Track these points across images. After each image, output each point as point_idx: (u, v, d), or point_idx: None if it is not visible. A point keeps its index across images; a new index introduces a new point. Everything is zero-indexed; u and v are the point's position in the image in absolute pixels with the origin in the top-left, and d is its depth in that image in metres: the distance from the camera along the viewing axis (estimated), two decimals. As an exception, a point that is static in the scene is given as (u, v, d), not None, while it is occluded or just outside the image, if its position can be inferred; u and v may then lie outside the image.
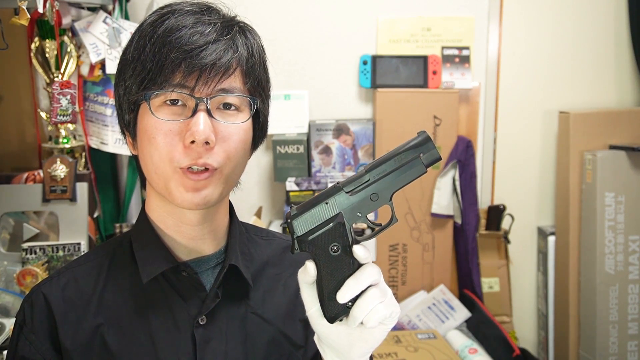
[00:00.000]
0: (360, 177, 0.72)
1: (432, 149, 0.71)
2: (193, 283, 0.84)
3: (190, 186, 0.78)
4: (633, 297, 2.15)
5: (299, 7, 2.17)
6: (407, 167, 0.71)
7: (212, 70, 0.77)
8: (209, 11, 0.81)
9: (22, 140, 2.02)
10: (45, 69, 1.84)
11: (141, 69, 0.78)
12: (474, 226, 2.18)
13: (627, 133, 2.20)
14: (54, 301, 0.83)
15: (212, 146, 0.77)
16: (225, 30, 0.80)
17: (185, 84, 0.76)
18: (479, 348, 1.96)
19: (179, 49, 0.76)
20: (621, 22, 2.29)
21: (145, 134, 0.79)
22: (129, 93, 0.80)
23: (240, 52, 0.80)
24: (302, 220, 0.71)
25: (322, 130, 2.12)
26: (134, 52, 0.80)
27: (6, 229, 1.74)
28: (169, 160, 0.77)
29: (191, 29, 0.77)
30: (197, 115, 0.76)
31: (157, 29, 0.78)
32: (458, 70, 2.15)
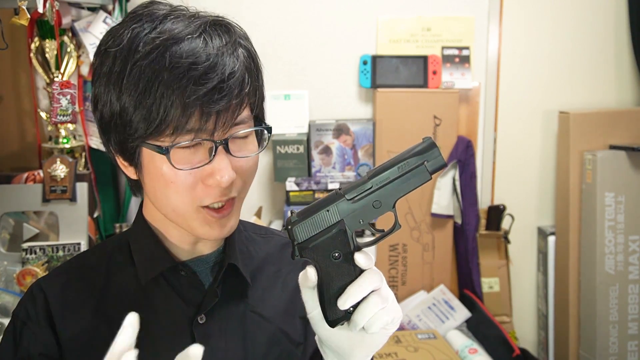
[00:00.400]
0: (362, 184, 0.71)
1: (438, 156, 0.70)
2: (192, 282, 0.84)
3: (215, 223, 0.78)
4: (633, 297, 2.15)
5: (299, 7, 2.17)
6: (411, 174, 0.70)
7: (229, 110, 0.73)
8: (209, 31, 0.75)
9: (22, 140, 2.02)
10: (45, 69, 1.84)
11: (148, 112, 0.71)
12: (474, 226, 2.18)
13: (627, 133, 2.20)
14: (52, 298, 0.83)
15: (232, 181, 0.75)
16: (232, 56, 0.74)
17: (205, 127, 0.72)
18: (479, 348, 1.96)
19: (196, 92, 0.70)
20: (621, 22, 2.29)
21: (161, 177, 0.75)
22: (132, 137, 0.74)
23: (252, 83, 0.77)
24: (302, 227, 0.71)
25: (322, 130, 2.12)
26: (136, 79, 0.71)
27: (6, 229, 1.74)
28: (190, 201, 0.75)
29: (201, 64, 0.71)
30: (219, 158, 0.73)
31: (164, 59, 0.70)
32: (458, 70, 2.15)
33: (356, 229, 0.71)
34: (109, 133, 0.77)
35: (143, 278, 0.83)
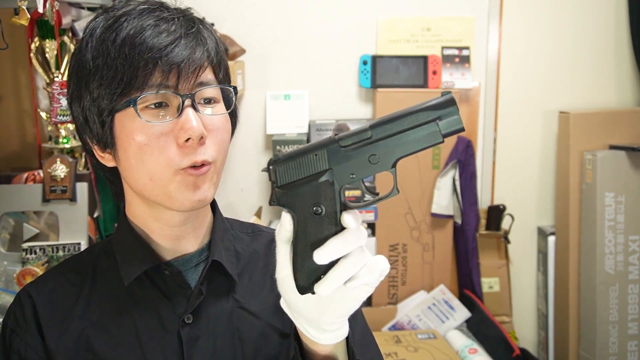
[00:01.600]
0: (361, 132, 0.61)
1: (455, 115, 0.59)
2: (177, 282, 0.84)
3: (191, 183, 0.77)
4: (633, 297, 2.15)
5: (299, 7, 2.17)
6: (419, 130, 0.59)
7: (190, 66, 0.76)
8: (164, 7, 0.80)
9: (22, 140, 2.02)
10: (45, 69, 1.84)
11: (113, 75, 0.75)
12: (474, 226, 2.18)
13: (627, 133, 2.20)
14: (40, 303, 0.83)
15: (204, 141, 0.77)
16: (189, 24, 0.79)
17: (167, 83, 0.75)
18: (479, 348, 1.96)
19: (151, 49, 0.74)
20: (621, 22, 2.29)
21: (133, 141, 0.76)
22: (100, 103, 0.77)
23: (209, 45, 0.80)
24: (285, 169, 0.61)
25: (322, 130, 2.12)
26: (94, 59, 0.76)
27: (6, 229, 1.74)
28: (167, 163, 0.76)
29: (156, 27, 0.76)
30: (186, 112, 0.75)
31: (119, 32, 0.75)
32: (458, 70, 2.15)
33: (346, 183, 0.61)
34: (84, 123, 0.81)
35: (126, 279, 0.82)
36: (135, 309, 0.82)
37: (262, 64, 2.17)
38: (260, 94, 2.16)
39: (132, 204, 0.86)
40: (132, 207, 0.86)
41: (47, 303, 0.83)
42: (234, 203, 2.19)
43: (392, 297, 2.19)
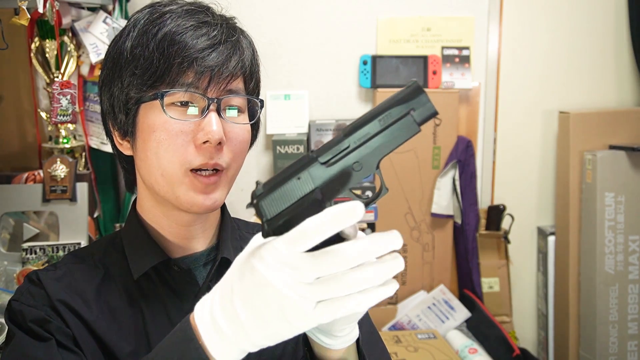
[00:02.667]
0: (338, 144, 0.60)
1: (426, 102, 0.59)
2: (185, 278, 0.84)
3: (200, 189, 0.78)
4: (633, 297, 2.15)
5: (299, 7, 2.17)
6: (395, 127, 0.59)
7: (224, 72, 0.77)
8: (209, 11, 0.81)
9: (22, 140, 2.02)
10: (45, 69, 1.84)
11: (147, 67, 0.76)
12: (474, 226, 2.18)
13: (627, 133, 2.20)
14: (50, 287, 0.81)
15: (222, 146, 0.78)
16: (230, 32, 0.81)
17: (197, 84, 0.77)
18: (479, 348, 1.96)
19: (190, 49, 0.76)
20: (621, 22, 2.29)
21: (153, 134, 0.77)
22: (130, 91, 0.79)
23: (246, 55, 0.82)
24: (270, 201, 0.59)
25: (322, 130, 2.12)
26: (134, 49, 0.78)
27: (6, 229, 1.74)
28: (180, 162, 0.77)
29: (197, 29, 0.77)
30: (209, 115, 0.76)
31: (161, 27, 0.77)
32: (458, 70, 2.15)
33: (335, 197, 0.60)
34: (110, 108, 0.82)
35: (135, 273, 0.83)
36: (144, 302, 0.83)
37: (262, 64, 2.16)
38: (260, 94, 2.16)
39: (143, 198, 0.86)
40: (143, 201, 0.87)
41: (58, 289, 0.82)
42: (234, 203, 2.19)
43: (392, 297, 2.19)
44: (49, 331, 0.77)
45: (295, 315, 0.55)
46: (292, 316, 0.55)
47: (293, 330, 0.57)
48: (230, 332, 0.58)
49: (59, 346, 0.76)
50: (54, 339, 0.76)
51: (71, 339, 0.78)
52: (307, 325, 0.56)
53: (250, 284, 0.56)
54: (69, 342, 0.77)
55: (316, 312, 0.55)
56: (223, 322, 0.58)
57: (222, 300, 0.59)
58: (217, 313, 0.59)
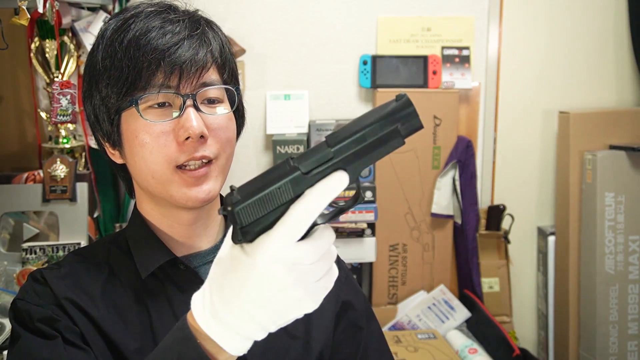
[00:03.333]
0: (321, 154, 0.58)
1: (414, 118, 0.59)
2: (191, 276, 0.85)
3: (191, 183, 0.79)
4: (633, 297, 2.15)
5: (299, 7, 2.17)
6: (381, 140, 0.58)
7: (192, 67, 0.78)
8: (171, 9, 0.82)
9: (22, 140, 2.02)
10: (45, 69, 1.84)
11: (118, 76, 0.77)
12: (474, 226, 2.18)
13: (627, 133, 2.20)
14: (55, 286, 0.81)
15: (205, 139, 0.78)
16: (194, 26, 0.81)
17: (169, 83, 0.77)
18: (479, 348, 1.96)
19: (154, 50, 0.76)
20: (621, 22, 2.29)
21: (136, 140, 0.79)
22: (108, 102, 0.80)
23: (213, 46, 0.82)
24: (248, 209, 0.57)
25: (322, 130, 2.12)
26: (103, 60, 0.79)
27: (6, 229, 1.74)
28: (166, 161, 0.78)
29: (161, 29, 0.78)
30: (187, 111, 0.77)
31: (126, 34, 0.78)
32: (458, 70, 2.15)
33: None
34: (95, 121, 0.84)
35: (143, 272, 0.83)
36: (150, 301, 0.83)
37: (262, 64, 2.16)
38: (260, 94, 2.16)
39: (142, 201, 0.87)
40: (143, 204, 0.88)
41: (62, 284, 0.82)
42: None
43: (392, 297, 2.19)
44: (57, 330, 0.77)
45: (311, 301, 0.58)
46: (308, 303, 0.58)
47: (304, 313, 0.60)
48: (245, 331, 0.59)
49: (67, 344, 0.76)
50: (61, 337, 0.76)
51: (79, 337, 0.78)
52: (319, 303, 0.59)
53: (258, 287, 0.57)
54: (78, 339, 0.78)
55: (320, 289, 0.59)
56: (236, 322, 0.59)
57: (226, 303, 0.59)
58: (226, 317, 0.59)
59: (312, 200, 0.57)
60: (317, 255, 0.57)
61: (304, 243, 0.57)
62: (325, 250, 0.58)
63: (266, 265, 0.56)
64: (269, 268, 0.56)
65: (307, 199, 0.57)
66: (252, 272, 0.57)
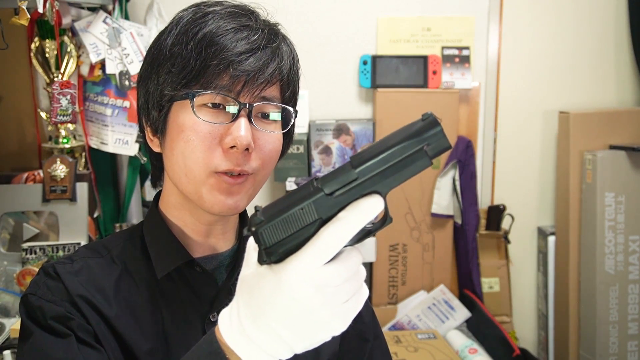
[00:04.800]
0: (345, 175, 0.57)
1: (441, 138, 0.57)
2: (206, 279, 0.84)
3: (224, 189, 0.77)
4: (633, 297, 2.15)
5: (299, 7, 2.17)
6: (408, 161, 0.57)
7: (259, 78, 0.76)
8: (252, 15, 0.81)
9: (22, 140, 2.02)
10: (45, 69, 1.84)
11: (184, 65, 0.76)
12: (474, 226, 2.18)
13: (627, 133, 2.20)
14: (69, 282, 0.80)
15: (250, 152, 0.77)
16: (271, 38, 0.80)
17: (231, 88, 0.76)
18: (479, 348, 1.96)
19: (228, 52, 0.75)
20: (621, 22, 2.29)
21: (182, 134, 0.77)
22: (164, 88, 0.79)
23: (285, 62, 0.81)
24: (271, 229, 0.57)
25: (322, 130, 2.12)
26: (173, 47, 0.78)
27: (6, 229, 1.74)
28: (205, 164, 0.77)
29: (238, 33, 0.77)
30: (239, 120, 0.76)
31: (202, 27, 0.77)
32: (458, 70, 2.15)
33: None
34: (145, 103, 0.83)
35: (159, 272, 0.83)
36: (164, 301, 0.82)
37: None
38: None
39: (170, 194, 0.86)
40: (169, 197, 0.86)
41: (75, 281, 0.80)
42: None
43: (392, 297, 2.19)
44: (70, 328, 0.76)
45: (339, 322, 0.58)
46: (337, 324, 0.58)
47: (334, 335, 0.59)
48: (272, 349, 0.59)
49: (80, 343, 0.75)
50: (74, 336, 0.75)
51: (92, 336, 0.77)
52: (347, 324, 0.59)
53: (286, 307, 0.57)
54: (91, 338, 0.77)
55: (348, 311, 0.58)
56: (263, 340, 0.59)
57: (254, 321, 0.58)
58: (253, 334, 0.59)
59: (345, 223, 0.56)
60: (345, 276, 0.57)
61: (332, 264, 0.56)
62: (353, 271, 0.57)
63: (294, 285, 0.56)
64: (298, 288, 0.56)
65: (341, 222, 0.56)
66: (281, 292, 0.56)
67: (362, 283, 0.60)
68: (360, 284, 0.60)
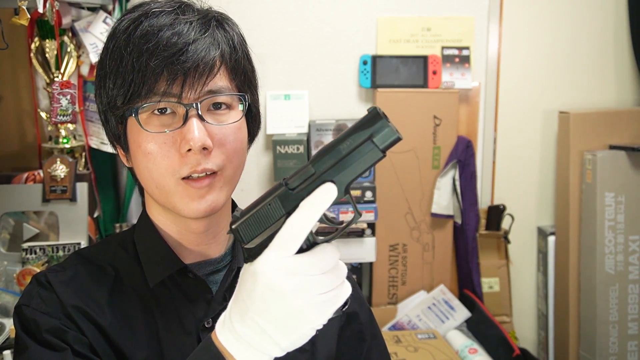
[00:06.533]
0: (305, 170, 0.62)
1: (386, 128, 0.59)
2: (200, 285, 0.83)
3: (194, 195, 0.76)
4: (633, 297, 2.15)
5: (299, 7, 2.17)
6: (357, 153, 0.60)
7: (197, 73, 0.74)
8: (183, 9, 0.78)
9: (22, 140, 2.02)
10: (45, 69, 1.85)
11: (122, 82, 0.74)
12: (474, 226, 2.18)
13: (627, 133, 2.20)
14: (62, 292, 0.79)
15: (209, 151, 0.75)
16: (203, 27, 0.76)
17: (170, 91, 0.74)
18: (479, 348, 1.96)
19: (158, 56, 0.72)
20: (621, 22, 2.29)
21: (139, 149, 0.76)
22: (114, 106, 0.77)
23: (223, 48, 0.77)
24: (245, 226, 0.63)
25: (322, 130, 2.12)
26: (110, 63, 0.76)
27: (6, 229, 1.74)
28: (170, 173, 0.75)
29: (167, 31, 0.74)
30: (190, 122, 0.74)
31: (132, 36, 0.74)
32: (458, 70, 2.15)
33: None
34: (105, 122, 0.82)
35: (151, 281, 0.82)
36: (157, 309, 0.81)
37: (262, 64, 2.16)
38: (260, 94, 2.16)
39: (152, 207, 0.85)
40: (152, 210, 0.85)
41: (68, 290, 0.80)
42: (234, 203, 2.19)
43: (392, 297, 2.19)
44: (65, 341, 0.75)
45: (316, 313, 0.59)
46: (313, 316, 0.59)
47: (315, 328, 0.61)
48: (258, 345, 0.61)
49: (77, 356, 0.75)
50: (70, 349, 0.75)
51: (88, 347, 0.77)
52: (326, 317, 0.61)
53: (262, 297, 0.60)
54: (87, 350, 0.76)
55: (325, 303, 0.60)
56: (249, 335, 0.61)
57: (241, 317, 0.62)
58: (240, 330, 0.61)
59: (303, 212, 0.60)
60: (319, 268, 0.59)
61: (304, 255, 0.60)
62: (329, 265, 0.60)
63: (267, 274, 0.59)
64: (270, 276, 0.59)
65: (300, 211, 0.60)
66: (257, 283, 0.60)
67: (344, 280, 0.62)
68: (341, 280, 0.61)
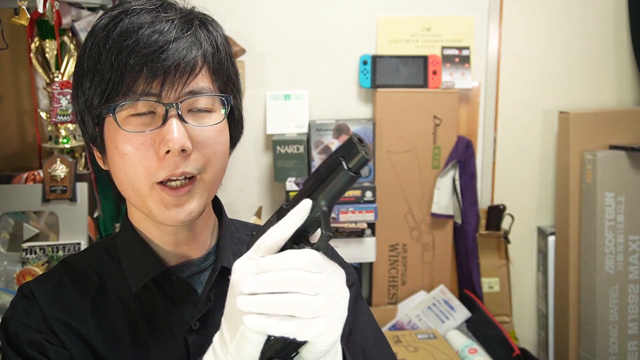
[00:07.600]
0: (298, 192, 0.67)
1: (357, 153, 0.61)
2: (184, 287, 0.82)
3: (171, 203, 0.74)
4: (633, 297, 2.15)
5: (299, 6, 2.17)
6: (331, 175, 0.63)
7: (177, 72, 0.71)
8: (165, 7, 0.75)
9: (22, 140, 2.02)
10: (45, 69, 1.84)
11: (100, 80, 0.72)
12: (474, 226, 2.18)
13: (627, 133, 2.20)
14: (44, 303, 0.79)
15: (188, 153, 0.72)
16: (185, 26, 0.74)
17: (150, 90, 0.71)
18: (479, 348, 1.96)
19: (137, 53, 0.70)
20: (621, 22, 2.29)
21: (116, 150, 0.73)
22: (91, 106, 0.74)
23: (205, 48, 0.75)
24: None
25: (322, 130, 2.12)
26: (88, 61, 0.73)
27: (6, 229, 1.74)
28: (146, 175, 0.72)
29: (148, 28, 0.71)
30: (169, 122, 0.71)
31: (111, 33, 0.72)
32: (458, 70, 2.15)
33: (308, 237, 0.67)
34: (81, 122, 0.80)
35: (133, 286, 0.80)
36: (142, 314, 0.80)
37: (262, 64, 2.17)
38: (260, 94, 2.16)
39: (132, 210, 0.83)
40: (132, 213, 0.84)
41: (52, 302, 0.79)
42: (234, 203, 2.19)
43: (392, 297, 2.19)
44: (46, 356, 0.75)
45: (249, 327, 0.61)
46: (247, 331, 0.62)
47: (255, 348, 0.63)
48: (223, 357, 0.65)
49: None
50: None
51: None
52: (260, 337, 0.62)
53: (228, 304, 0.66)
54: None
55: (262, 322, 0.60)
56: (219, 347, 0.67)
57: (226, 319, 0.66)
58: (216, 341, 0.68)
59: (279, 224, 0.64)
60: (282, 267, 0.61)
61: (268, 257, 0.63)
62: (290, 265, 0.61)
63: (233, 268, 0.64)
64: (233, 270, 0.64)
65: (277, 224, 0.64)
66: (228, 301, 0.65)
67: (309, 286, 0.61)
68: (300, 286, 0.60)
